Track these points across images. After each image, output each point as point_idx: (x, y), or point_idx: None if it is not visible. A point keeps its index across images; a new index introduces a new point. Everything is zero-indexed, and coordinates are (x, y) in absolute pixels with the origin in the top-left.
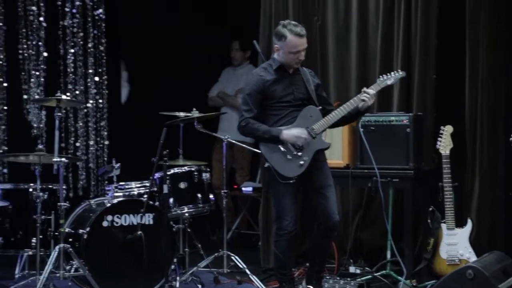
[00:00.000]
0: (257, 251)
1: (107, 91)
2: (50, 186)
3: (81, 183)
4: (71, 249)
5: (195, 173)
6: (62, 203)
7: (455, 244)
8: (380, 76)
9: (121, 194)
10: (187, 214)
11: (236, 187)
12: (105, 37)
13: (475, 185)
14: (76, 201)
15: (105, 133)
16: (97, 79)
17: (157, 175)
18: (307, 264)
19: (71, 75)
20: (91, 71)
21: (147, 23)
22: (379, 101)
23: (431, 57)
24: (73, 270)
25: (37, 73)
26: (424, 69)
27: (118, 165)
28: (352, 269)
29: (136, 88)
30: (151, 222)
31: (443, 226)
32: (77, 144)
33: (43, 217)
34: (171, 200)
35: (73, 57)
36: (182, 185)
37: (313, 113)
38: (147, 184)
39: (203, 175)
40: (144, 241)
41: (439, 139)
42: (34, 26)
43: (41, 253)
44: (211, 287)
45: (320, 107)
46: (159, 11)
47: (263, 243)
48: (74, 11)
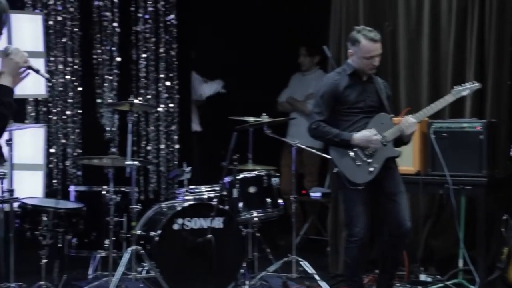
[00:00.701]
0: (325, 256)
1: (178, 96)
2: (122, 188)
3: (152, 186)
4: (142, 251)
5: (265, 178)
6: (134, 206)
7: None
8: (454, 86)
9: (191, 197)
10: (256, 218)
11: (304, 192)
12: (177, 42)
13: None
14: (146, 204)
15: (176, 137)
16: (168, 83)
17: (227, 179)
18: (377, 271)
19: (143, 79)
20: (162, 75)
21: (217, 28)
22: (451, 107)
23: (506, 62)
24: (144, 272)
25: (111, 78)
26: (498, 75)
27: (189, 169)
28: (422, 277)
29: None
30: (221, 226)
31: None
32: (148, 147)
33: (115, 219)
34: (241, 204)
35: (145, 62)
36: (251, 190)
37: (384, 121)
38: (217, 188)
39: (272, 179)
40: (214, 244)
41: None
42: (108, 31)
43: (114, 255)
44: None
45: (392, 115)
46: (229, 17)
47: (332, 248)
48: (146, 17)
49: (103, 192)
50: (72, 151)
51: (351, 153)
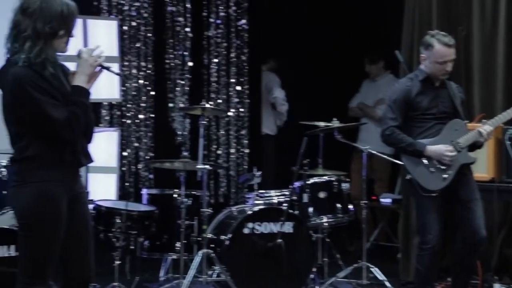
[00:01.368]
0: (396, 263)
1: (248, 100)
2: (193, 192)
3: (222, 190)
4: (213, 255)
5: (335, 183)
6: (205, 209)
7: None
8: None
9: (261, 202)
10: (326, 223)
11: (374, 198)
12: (248, 47)
13: None
14: (217, 207)
15: (246, 141)
16: (238, 88)
17: (297, 184)
18: (449, 279)
19: (214, 84)
20: (233, 80)
21: (288, 34)
22: None
23: None
24: (215, 275)
25: (182, 82)
26: None
27: (259, 173)
28: (496, 286)
29: None
30: (291, 230)
31: None
32: (219, 151)
33: (186, 222)
34: (311, 209)
35: (216, 67)
36: (321, 195)
37: (458, 127)
38: (286, 192)
39: (343, 185)
40: (284, 249)
41: None
42: (180, 36)
43: (185, 257)
44: None
45: (466, 120)
46: (300, 22)
47: (403, 255)
48: (218, 22)
49: (175, 195)
50: (144, 154)
51: (425, 160)
